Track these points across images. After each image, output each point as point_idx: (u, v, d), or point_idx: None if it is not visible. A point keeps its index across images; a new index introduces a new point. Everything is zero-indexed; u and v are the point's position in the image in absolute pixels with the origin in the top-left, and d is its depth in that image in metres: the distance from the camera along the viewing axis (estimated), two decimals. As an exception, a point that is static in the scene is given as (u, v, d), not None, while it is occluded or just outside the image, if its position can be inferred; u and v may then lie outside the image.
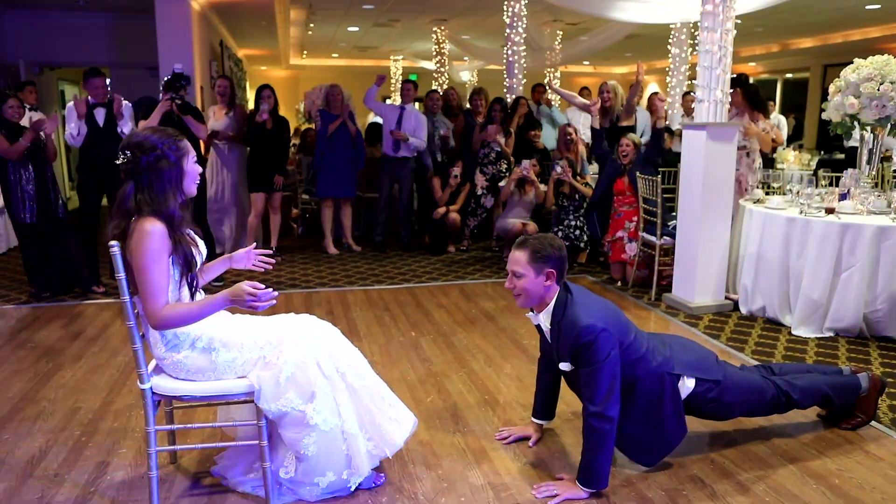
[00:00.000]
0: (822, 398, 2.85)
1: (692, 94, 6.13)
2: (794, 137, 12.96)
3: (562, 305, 2.50)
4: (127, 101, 5.31)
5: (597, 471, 2.42)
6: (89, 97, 5.10)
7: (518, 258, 2.48)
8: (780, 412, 2.83)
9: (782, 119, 10.34)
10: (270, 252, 2.69)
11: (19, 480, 2.54)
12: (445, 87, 11.79)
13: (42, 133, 4.85)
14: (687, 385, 2.61)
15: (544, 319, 2.57)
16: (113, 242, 2.19)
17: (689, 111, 6.06)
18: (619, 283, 5.48)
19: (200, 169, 2.35)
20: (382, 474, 2.54)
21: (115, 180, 2.33)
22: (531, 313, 2.65)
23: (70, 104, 5.15)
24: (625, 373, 2.48)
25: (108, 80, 5.19)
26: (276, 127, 6.13)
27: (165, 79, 5.39)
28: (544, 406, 2.86)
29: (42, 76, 9.49)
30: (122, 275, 2.21)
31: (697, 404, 2.64)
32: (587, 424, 2.41)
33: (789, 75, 15.73)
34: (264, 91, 6.05)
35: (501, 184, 6.62)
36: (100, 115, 5.09)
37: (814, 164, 8.27)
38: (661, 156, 5.54)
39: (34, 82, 6.82)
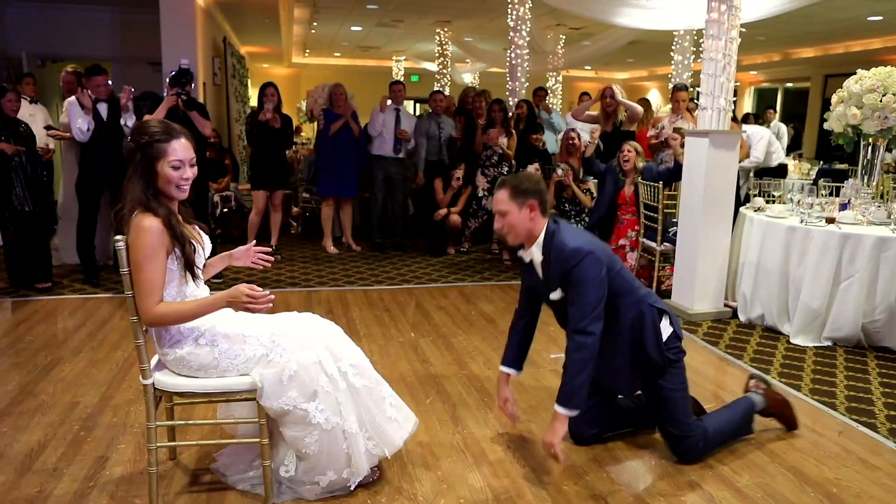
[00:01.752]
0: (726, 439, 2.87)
1: (689, 90, 6.16)
2: (794, 147, 12.99)
3: (550, 235, 2.60)
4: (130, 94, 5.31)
5: (578, 390, 2.50)
6: (90, 93, 5.07)
7: (500, 197, 2.59)
8: (685, 446, 2.73)
9: (782, 127, 10.36)
10: (270, 250, 2.69)
11: (18, 474, 2.54)
12: (448, 88, 11.82)
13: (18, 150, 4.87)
14: (664, 328, 2.67)
15: (536, 252, 2.63)
16: (118, 237, 2.19)
17: (677, 110, 6.01)
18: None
19: (188, 175, 2.27)
20: (377, 468, 2.54)
21: (118, 176, 2.34)
22: (522, 251, 2.70)
23: (71, 99, 5.13)
24: (613, 301, 2.57)
25: (109, 80, 5.17)
26: (280, 124, 6.13)
27: (171, 74, 5.38)
28: (518, 353, 2.86)
29: (44, 69, 9.47)
30: (126, 270, 2.21)
31: (661, 362, 2.65)
32: (571, 340, 2.51)
33: (790, 84, 15.78)
34: (268, 89, 6.04)
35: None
36: (102, 109, 5.09)
37: (814, 173, 8.29)
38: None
39: (33, 74, 6.79)
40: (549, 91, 8.81)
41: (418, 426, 2.60)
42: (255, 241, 2.64)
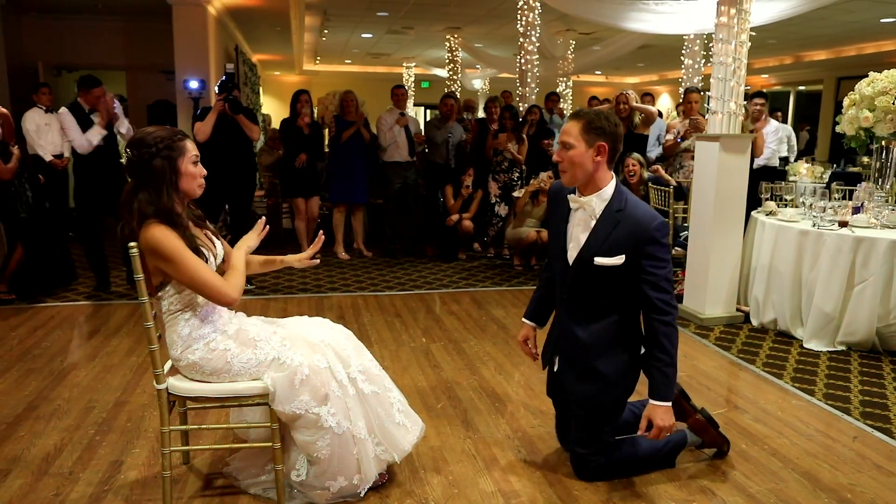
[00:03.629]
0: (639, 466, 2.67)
1: (700, 93, 6.19)
2: (807, 151, 12.91)
3: (622, 196, 2.41)
4: (118, 101, 5.35)
5: (673, 380, 2.39)
6: (85, 105, 5.11)
7: (570, 128, 2.39)
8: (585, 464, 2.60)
9: (787, 128, 10.29)
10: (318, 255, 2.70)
11: (35, 478, 2.57)
12: (458, 94, 11.85)
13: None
14: None
15: (596, 203, 2.42)
16: (131, 244, 2.22)
17: (689, 112, 6.06)
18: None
19: (204, 171, 2.34)
20: (385, 473, 2.55)
21: (114, 187, 2.36)
22: (574, 195, 2.47)
23: (64, 110, 5.11)
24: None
25: (105, 91, 5.21)
26: (312, 131, 6.18)
27: (221, 80, 5.47)
28: (538, 307, 2.79)
29: (60, 78, 9.60)
30: (140, 276, 2.23)
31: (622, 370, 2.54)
32: (659, 324, 2.36)
33: (802, 87, 15.70)
34: (302, 96, 6.12)
35: (516, 194, 6.63)
36: (94, 119, 5.12)
37: (826, 176, 8.24)
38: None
39: (48, 84, 6.89)
40: (559, 96, 8.82)
41: (429, 431, 2.61)
42: (312, 248, 2.66)
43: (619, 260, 2.39)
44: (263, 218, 2.64)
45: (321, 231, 2.72)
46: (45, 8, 8.61)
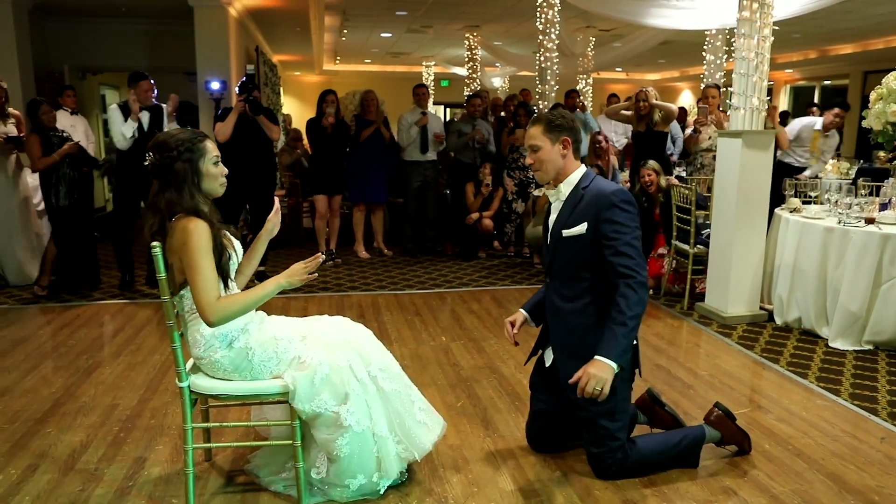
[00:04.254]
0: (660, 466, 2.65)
1: (719, 89, 6.14)
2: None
3: (588, 177, 2.57)
4: (164, 104, 5.40)
5: (630, 348, 2.41)
6: (134, 103, 5.10)
7: (534, 132, 2.57)
8: (608, 464, 2.57)
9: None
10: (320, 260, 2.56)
11: (62, 473, 2.62)
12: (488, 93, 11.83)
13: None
14: None
15: (564, 189, 2.59)
16: (154, 243, 2.25)
17: (713, 107, 6.03)
18: (651, 292, 5.43)
19: (225, 170, 2.37)
20: (405, 471, 2.55)
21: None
22: (549, 189, 2.64)
23: (113, 106, 5.22)
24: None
25: (154, 86, 5.26)
26: (336, 130, 6.22)
27: (241, 81, 5.52)
28: (540, 307, 2.78)
29: (85, 81, 9.74)
30: (163, 275, 2.26)
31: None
32: (627, 292, 2.37)
33: (827, 82, 15.43)
34: (329, 96, 6.18)
35: (536, 192, 6.60)
36: (144, 118, 5.16)
37: (853, 172, 8.09)
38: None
39: (73, 87, 7.00)
40: (579, 93, 8.77)
41: (449, 429, 2.61)
42: (324, 250, 2.64)
43: (581, 228, 2.49)
44: (276, 202, 2.64)
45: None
46: (70, 12, 8.74)
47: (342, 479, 2.39)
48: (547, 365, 2.71)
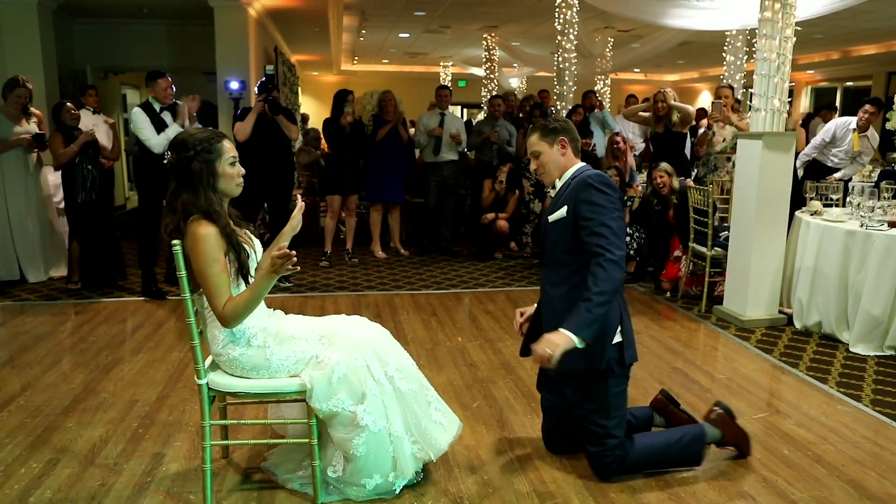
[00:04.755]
0: (659, 463, 2.65)
1: (732, 89, 6.10)
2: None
3: (581, 170, 2.62)
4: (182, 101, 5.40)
5: (595, 321, 2.35)
6: (155, 103, 5.10)
7: (532, 140, 2.66)
8: (608, 462, 2.56)
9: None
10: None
11: (82, 468, 2.65)
12: (495, 93, 11.82)
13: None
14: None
15: (559, 183, 2.64)
16: (175, 242, 2.27)
17: (726, 106, 6.00)
18: (669, 294, 5.39)
19: (242, 171, 2.39)
20: (421, 471, 2.56)
21: None
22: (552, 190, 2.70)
23: (137, 109, 5.21)
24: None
25: (172, 84, 5.28)
26: (353, 130, 6.26)
27: (260, 81, 5.55)
28: None
29: (106, 81, 9.87)
30: (183, 273, 2.28)
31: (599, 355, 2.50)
32: (596, 270, 2.38)
33: (850, 83, 15.23)
34: (348, 96, 6.21)
35: (551, 192, 6.58)
36: (166, 118, 5.15)
37: (875, 175, 7.98)
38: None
39: (95, 86, 7.10)
40: (597, 94, 8.74)
41: (465, 430, 2.61)
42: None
43: (562, 212, 2.54)
44: (299, 199, 2.60)
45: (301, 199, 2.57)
46: (94, 13, 8.86)
47: (358, 478, 2.40)
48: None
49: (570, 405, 2.62)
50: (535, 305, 2.82)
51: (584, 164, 2.67)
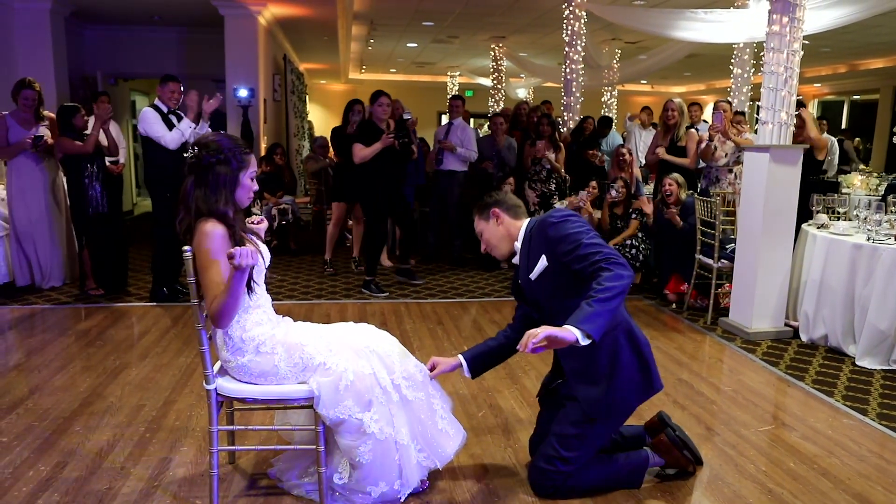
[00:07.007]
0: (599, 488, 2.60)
1: (730, 103, 6.10)
2: (862, 161, 12.51)
3: (531, 224, 2.60)
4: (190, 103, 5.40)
5: (601, 316, 2.20)
6: (162, 104, 5.13)
7: (475, 224, 2.73)
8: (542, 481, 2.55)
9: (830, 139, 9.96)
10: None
11: (89, 471, 2.67)
12: (502, 103, 11.86)
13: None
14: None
15: (517, 245, 2.64)
16: (186, 248, 2.29)
17: (732, 123, 6.01)
18: (674, 305, 5.39)
19: (256, 187, 2.43)
20: (426, 479, 2.56)
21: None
22: (515, 259, 2.69)
23: (147, 108, 5.21)
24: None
25: (181, 88, 5.31)
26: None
27: (400, 118, 5.85)
28: (480, 358, 2.73)
29: (117, 87, 9.95)
30: (192, 279, 2.30)
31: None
32: (605, 271, 2.28)
33: (857, 97, 15.24)
34: (356, 105, 6.26)
35: (557, 204, 6.59)
36: (175, 121, 5.13)
37: (882, 188, 7.97)
38: None
39: (107, 93, 7.17)
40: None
41: (468, 439, 2.62)
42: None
43: (543, 262, 2.50)
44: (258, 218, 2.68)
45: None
46: (105, 20, 8.95)
47: (364, 485, 2.41)
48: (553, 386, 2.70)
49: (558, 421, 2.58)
50: (459, 359, 2.74)
51: (527, 219, 2.65)
